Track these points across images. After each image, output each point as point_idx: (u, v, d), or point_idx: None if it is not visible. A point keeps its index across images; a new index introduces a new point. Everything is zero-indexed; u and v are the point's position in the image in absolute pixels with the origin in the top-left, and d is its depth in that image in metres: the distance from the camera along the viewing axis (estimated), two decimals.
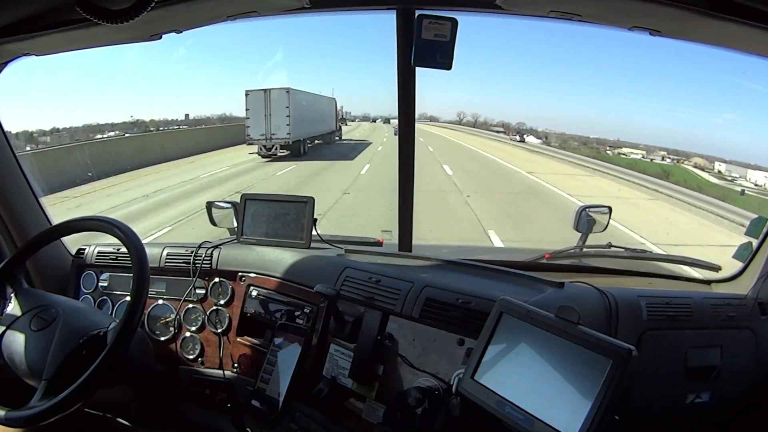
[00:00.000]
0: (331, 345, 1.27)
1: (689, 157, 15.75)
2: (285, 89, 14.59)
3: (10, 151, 1.51)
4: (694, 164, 15.03)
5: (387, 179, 8.75)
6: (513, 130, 27.11)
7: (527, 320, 0.91)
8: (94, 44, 1.31)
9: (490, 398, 0.90)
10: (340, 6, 1.49)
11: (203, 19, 1.28)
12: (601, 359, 0.79)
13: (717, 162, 13.85)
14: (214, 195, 7.95)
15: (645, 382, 1.16)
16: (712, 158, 14.35)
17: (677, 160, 16.23)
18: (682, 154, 16.27)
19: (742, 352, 1.27)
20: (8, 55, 1.33)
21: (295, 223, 1.57)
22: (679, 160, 16.19)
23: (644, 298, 1.23)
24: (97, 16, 0.91)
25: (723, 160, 13.70)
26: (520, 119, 35.74)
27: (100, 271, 1.65)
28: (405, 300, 1.20)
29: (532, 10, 1.29)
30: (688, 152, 15.96)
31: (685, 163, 15.83)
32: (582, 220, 1.74)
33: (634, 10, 1.04)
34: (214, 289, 1.54)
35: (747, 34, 1.01)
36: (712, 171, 13.87)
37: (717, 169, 13.79)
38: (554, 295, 1.17)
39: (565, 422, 0.80)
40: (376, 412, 1.15)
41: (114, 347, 1.07)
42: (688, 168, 14.93)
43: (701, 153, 15.24)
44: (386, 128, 27.66)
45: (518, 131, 25.94)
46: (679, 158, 16.29)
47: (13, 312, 1.20)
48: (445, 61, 1.32)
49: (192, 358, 1.56)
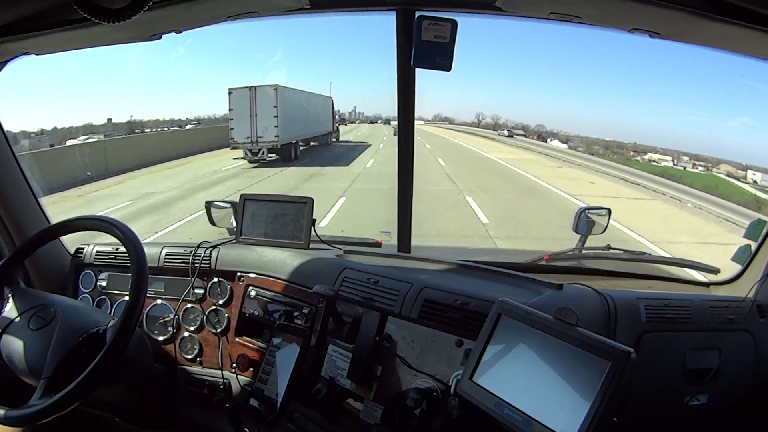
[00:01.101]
0: (330, 345, 1.27)
1: (717, 163, 14.63)
2: (272, 86, 13.17)
3: (10, 150, 1.51)
4: (727, 173, 13.95)
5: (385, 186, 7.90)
6: (533, 132, 26.28)
7: (526, 322, 0.91)
8: (94, 44, 1.31)
9: (488, 399, 0.90)
10: (340, 7, 1.49)
11: (203, 19, 1.28)
12: (599, 361, 0.79)
13: (750, 171, 12.76)
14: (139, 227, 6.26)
15: (643, 384, 1.16)
16: (738, 164, 13.46)
17: (705, 167, 15.10)
18: (702, 158, 15.23)
19: (741, 354, 1.27)
20: (8, 54, 1.33)
21: (294, 223, 1.57)
22: (707, 167, 15.07)
23: (643, 300, 1.23)
24: (95, 15, 0.91)
25: (754, 168, 12.60)
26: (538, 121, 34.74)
27: (99, 271, 1.65)
28: (404, 301, 1.20)
29: (531, 11, 1.29)
30: (711, 157, 14.93)
31: (714, 170, 14.65)
32: (581, 222, 1.73)
33: (633, 12, 1.04)
34: (212, 289, 1.54)
35: (746, 36, 1.01)
36: (745, 180, 12.84)
37: (751, 178, 12.63)
38: (553, 296, 1.17)
39: (563, 424, 0.80)
40: (375, 412, 1.15)
41: (113, 345, 1.07)
42: (724, 178, 13.61)
43: (725, 158, 14.28)
44: (386, 129, 27.27)
45: (539, 134, 25.05)
46: (706, 165, 15.14)
47: (11, 312, 1.20)
48: (445, 63, 1.32)
49: (190, 358, 1.55)
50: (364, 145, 19.32)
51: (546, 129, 26.31)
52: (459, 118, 36.05)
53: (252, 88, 13.02)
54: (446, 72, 1.33)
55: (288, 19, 1.45)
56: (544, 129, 26.31)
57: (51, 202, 7.69)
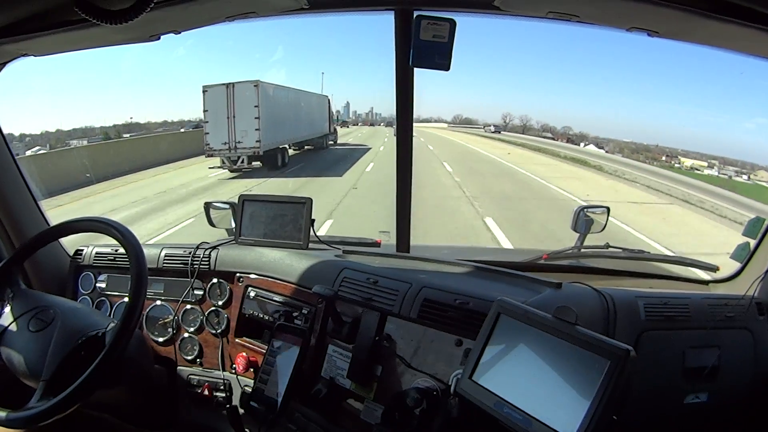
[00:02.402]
0: (330, 346, 1.27)
1: (753, 169, 13.13)
2: (252, 82, 11.25)
3: (8, 152, 1.51)
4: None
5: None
6: (562, 135, 24.59)
7: (525, 321, 0.91)
8: (93, 45, 1.31)
9: (488, 399, 0.90)
10: (339, 7, 1.49)
11: (202, 19, 1.28)
12: (599, 360, 0.80)
13: None
14: None
15: (643, 382, 1.16)
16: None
17: (740, 173, 13.41)
18: (730, 162, 13.56)
19: (740, 352, 1.28)
20: (7, 55, 1.33)
21: (293, 223, 1.57)
22: (747, 175, 13.37)
23: (642, 299, 1.23)
24: (95, 17, 0.90)
25: None
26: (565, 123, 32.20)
27: (98, 272, 1.65)
28: (403, 301, 1.20)
29: (529, 10, 1.29)
30: (742, 161, 13.33)
31: (753, 177, 13.08)
32: (580, 221, 1.73)
33: (631, 11, 1.04)
34: (212, 290, 1.54)
35: (744, 34, 1.01)
36: None
37: None
38: (552, 295, 1.17)
39: (563, 423, 0.80)
40: (375, 412, 1.15)
41: (112, 348, 1.07)
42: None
43: (757, 163, 12.71)
44: (387, 131, 26.17)
45: (568, 137, 23.23)
46: (743, 170, 13.51)
47: (11, 314, 1.20)
48: (444, 62, 1.33)
49: (190, 359, 1.56)
50: (363, 149, 17.79)
51: (572, 131, 24.58)
52: (481, 119, 33.73)
53: (229, 84, 11.17)
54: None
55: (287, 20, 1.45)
56: (571, 131, 24.70)
57: None
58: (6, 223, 1.54)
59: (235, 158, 11.24)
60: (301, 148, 15.27)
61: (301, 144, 14.98)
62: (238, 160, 11.23)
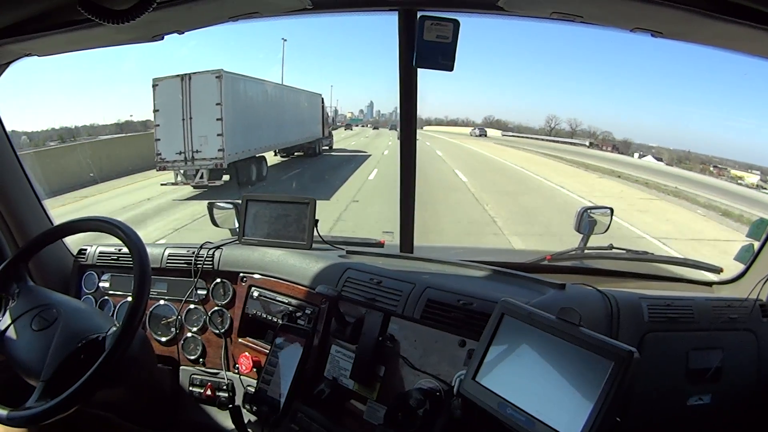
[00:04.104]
0: (333, 346, 1.27)
1: None
2: (214, 72, 8.55)
3: (12, 151, 1.51)
4: None
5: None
6: (607, 143, 21.71)
7: (529, 322, 0.91)
8: (96, 45, 1.31)
9: (491, 399, 0.90)
10: (342, 7, 1.49)
11: (205, 19, 1.28)
12: (602, 361, 0.79)
13: None
14: None
15: (646, 383, 1.16)
16: None
17: None
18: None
19: (744, 354, 1.27)
20: (10, 55, 1.33)
21: (296, 224, 1.57)
22: None
23: (645, 300, 1.23)
24: (99, 17, 0.91)
25: None
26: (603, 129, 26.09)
27: (102, 272, 1.66)
28: (406, 301, 1.20)
29: (533, 11, 1.29)
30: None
31: None
32: (583, 222, 1.73)
33: (635, 11, 1.04)
34: (215, 289, 1.54)
35: (748, 35, 1.01)
36: None
37: None
38: (555, 296, 1.17)
39: (566, 424, 0.80)
40: (378, 413, 1.15)
41: (111, 353, 1.07)
42: None
43: None
44: (391, 134, 24.46)
45: (614, 145, 20.73)
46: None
47: (15, 310, 1.20)
48: (448, 63, 1.33)
49: (193, 359, 1.56)
50: (363, 156, 15.27)
51: (611, 136, 21.85)
52: (527, 124, 28.31)
53: (185, 76, 8.47)
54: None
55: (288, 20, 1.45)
56: (610, 136, 22.01)
57: None
58: (10, 222, 1.54)
59: (192, 172, 8.60)
60: (290, 154, 13.06)
61: (289, 150, 12.76)
62: (197, 174, 8.59)
